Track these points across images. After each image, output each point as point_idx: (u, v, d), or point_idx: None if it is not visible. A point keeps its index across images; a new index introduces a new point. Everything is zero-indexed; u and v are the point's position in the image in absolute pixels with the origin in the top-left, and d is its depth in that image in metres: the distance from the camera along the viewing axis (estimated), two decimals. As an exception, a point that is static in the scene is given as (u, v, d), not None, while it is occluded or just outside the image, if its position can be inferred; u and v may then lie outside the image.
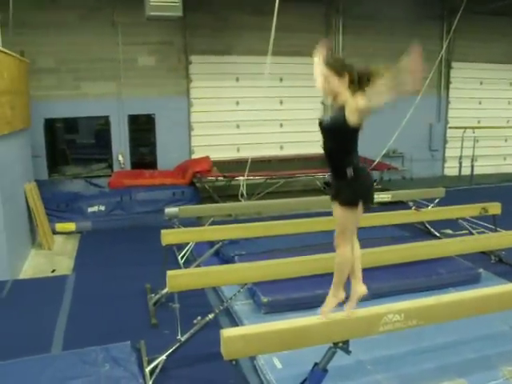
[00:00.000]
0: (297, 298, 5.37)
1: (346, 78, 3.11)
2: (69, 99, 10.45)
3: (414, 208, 7.70)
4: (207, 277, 4.78)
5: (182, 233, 6.33)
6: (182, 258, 7.02)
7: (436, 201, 8.18)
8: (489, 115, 13.80)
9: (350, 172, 3.13)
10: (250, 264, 5.07)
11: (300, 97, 11.92)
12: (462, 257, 6.38)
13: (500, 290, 3.89)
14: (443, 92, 13.42)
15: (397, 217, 7.45)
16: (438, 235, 7.99)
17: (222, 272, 4.91)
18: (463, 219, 7.82)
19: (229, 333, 3.14)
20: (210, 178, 10.38)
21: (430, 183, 11.38)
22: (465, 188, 12.20)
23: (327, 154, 3.30)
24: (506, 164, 14.43)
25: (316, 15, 11.91)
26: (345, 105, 3.06)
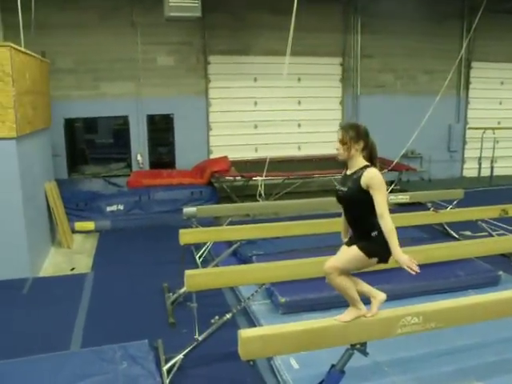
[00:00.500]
0: (314, 298, 5.35)
1: (361, 144, 3.27)
2: (88, 99, 10.56)
3: (433, 209, 7.64)
4: (225, 277, 4.79)
5: (200, 232, 6.36)
6: (200, 257, 7.05)
7: (455, 202, 8.13)
8: (510, 116, 13.62)
9: (374, 234, 3.21)
10: (268, 264, 5.08)
11: (318, 97, 11.92)
12: (482, 259, 6.31)
13: (520, 293, 3.82)
14: (462, 92, 13.25)
15: (415, 218, 7.40)
16: (457, 237, 7.93)
17: (239, 272, 4.93)
18: (482, 221, 7.73)
19: (247, 333, 3.14)
20: (228, 177, 10.41)
21: (449, 184, 11.28)
22: (484, 189, 12.06)
23: (350, 221, 3.41)
24: (527, 165, 14.22)
25: (334, 14, 11.81)
26: (361, 176, 3.19)
